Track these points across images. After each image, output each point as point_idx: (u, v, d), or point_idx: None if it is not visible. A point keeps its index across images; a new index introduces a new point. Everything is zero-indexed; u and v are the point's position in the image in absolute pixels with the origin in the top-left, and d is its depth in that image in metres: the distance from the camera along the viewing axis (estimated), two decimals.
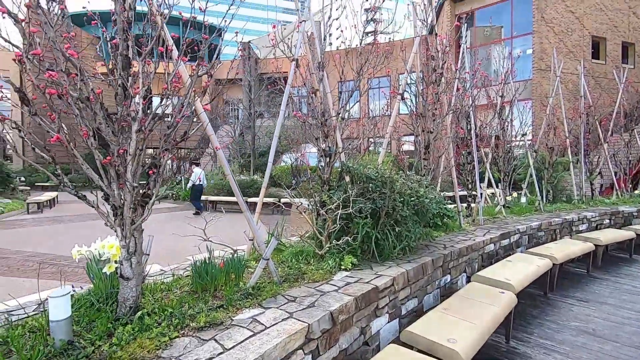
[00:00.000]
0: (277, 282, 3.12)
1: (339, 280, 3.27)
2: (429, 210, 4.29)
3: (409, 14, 6.00)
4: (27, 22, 1.97)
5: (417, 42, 5.51)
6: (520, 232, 6.07)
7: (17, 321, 2.36)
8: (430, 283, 4.01)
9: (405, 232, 3.94)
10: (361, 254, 3.85)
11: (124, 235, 2.36)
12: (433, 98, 5.55)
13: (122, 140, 2.42)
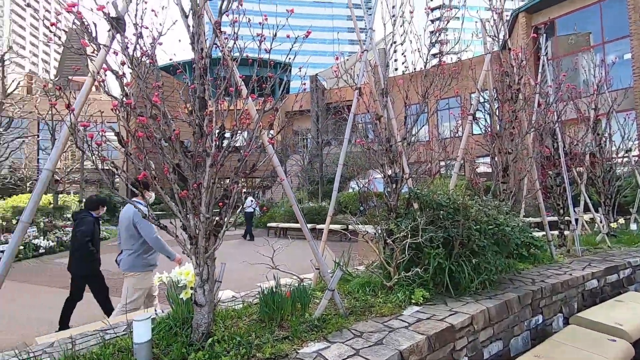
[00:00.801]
0: (343, 315, 3.02)
1: (409, 316, 3.04)
2: (512, 239, 3.85)
3: (477, 32, 5.74)
4: (124, 76, 2.30)
5: (487, 59, 5.21)
6: (633, 266, 5.10)
7: (109, 340, 2.61)
8: (518, 324, 3.51)
9: (483, 264, 3.56)
10: (433, 287, 3.56)
11: (198, 263, 2.52)
12: (509, 116, 5.11)
13: (197, 174, 2.63)
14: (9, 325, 5.02)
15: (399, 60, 9.98)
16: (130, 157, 2.31)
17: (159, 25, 2.70)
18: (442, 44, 4.65)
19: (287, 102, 17.70)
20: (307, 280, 3.97)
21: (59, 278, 8.13)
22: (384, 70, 4.36)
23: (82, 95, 2.33)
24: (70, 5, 2.11)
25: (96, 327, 3.09)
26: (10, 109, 13.48)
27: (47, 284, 7.54)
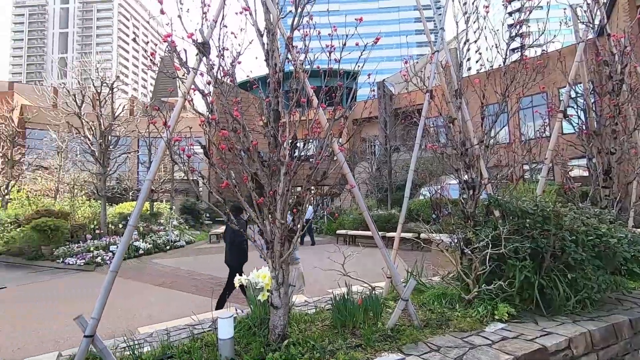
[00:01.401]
0: (417, 327, 2.90)
1: (493, 333, 2.80)
2: (618, 252, 3.32)
3: (566, 19, 5.15)
4: (209, 95, 2.55)
5: (580, 49, 4.63)
6: None
7: (197, 334, 2.87)
8: (630, 352, 3.01)
9: (582, 280, 3.13)
10: (520, 303, 3.23)
11: (274, 267, 2.65)
12: (611, 111, 4.47)
13: (273, 182, 2.78)
14: (117, 316, 5.79)
15: (472, 59, 9.34)
16: (214, 167, 2.53)
17: (237, 46, 2.94)
18: (524, 36, 4.27)
19: (354, 110, 17.81)
20: (379, 289, 3.89)
21: (156, 277, 9.16)
22: (456, 70, 4.15)
23: (176, 113, 2.64)
24: (166, 35, 2.42)
25: (187, 322, 3.41)
26: (118, 129, 15.72)
27: (147, 281, 8.56)
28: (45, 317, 5.90)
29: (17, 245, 11.10)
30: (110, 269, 2.28)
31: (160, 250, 12.88)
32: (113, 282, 2.26)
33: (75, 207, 14.23)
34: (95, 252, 10.76)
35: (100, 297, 2.21)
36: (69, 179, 17.78)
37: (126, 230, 2.39)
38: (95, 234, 12.65)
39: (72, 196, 16.79)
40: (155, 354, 2.49)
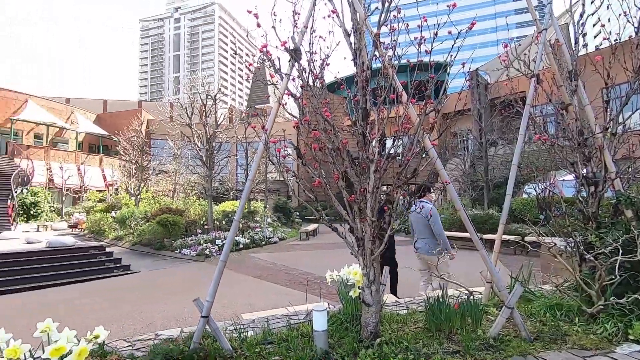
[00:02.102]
0: (526, 339, 2.60)
1: (626, 356, 2.36)
2: None
3: None
4: (301, 98, 2.68)
5: None
6: None
7: (294, 325, 3.05)
8: None
9: None
10: None
11: (365, 264, 2.66)
12: None
13: (362, 180, 2.80)
14: (223, 302, 6.49)
15: (589, 34, 7.99)
16: (307, 167, 2.66)
17: (326, 49, 3.03)
18: None
19: (445, 103, 16.74)
20: (476, 294, 3.61)
21: (254, 269, 9.98)
22: (570, 48, 3.60)
23: (272, 117, 2.84)
24: (262, 46, 2.63)
25: (283, 312, 3.65)
26: (220, 136, 17.59)
27: (246, 273, 9.40)
28: (167, 298, 6.92)
29: (146, 237, 13.25)
30: (220, 259, 2.57)
31: (257, 246, 13.98)
32: (223, 270, 2.55)
33: (188, 205, 16.38)
34: (204, 244, 12.23)
35: (212, 283, 2.51)
36: (183, 181, 20.54)
37: (232, 225, 2.66)
38: (204, 229, 14.37)
39: (185, 196, 19.37)
40: (257, 338, 2.72)
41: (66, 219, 22.27)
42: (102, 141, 33.52)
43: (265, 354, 2.47)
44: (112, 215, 16.64)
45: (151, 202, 18.01)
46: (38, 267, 8.83)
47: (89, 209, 19.73)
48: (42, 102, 29.39)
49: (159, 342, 2.66)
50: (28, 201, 21.98)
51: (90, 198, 22.55)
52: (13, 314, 6.10)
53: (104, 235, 15.68)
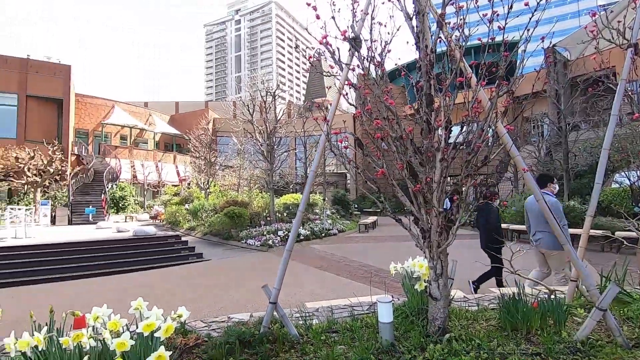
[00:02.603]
0: (622, 345, 2.30)
1: None
2: None
3: None
4: (362, 88, 2.64)
5: None
6: None
7: (357, 315, 3.06)
8: None
9: None
10: None
11: (431, 256, 2.56)
12: None
13: (427, 169, 2.68)
14: (286, 291, 6.75)
15: None
16: (369, 157, 2.62)
17: (386, 35, 2.94)
18: None
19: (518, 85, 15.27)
20: (559, 294, 3.28)
21: (315, 260, 10.21)
22: None
23: (333, 108, 2.84)
24: (323, 37, 2.63)
25: (345, 303, 3.68)
26: (280, 131, 18.16)
27: (307, 263, 9.65)
28: (236, 284, 7.38)
29: (215, 228, 14.25)
30: (286, 248, 2.66)
31: (316, 237, 14.26)
32: (288, 259, 2.63)
33: (251, 198, 17.25)
34: (267, 235, 12.79)
35: (279, 271, 2.61)
36: (247, 175, 21.64)
37: (296, 216, 2.74)
38: (267, 220, 15.02)
39: (249, 189, 20.42)
40: (322, 327, 2.78)
41: (147, 210, 24.82)
42: (175, 140, 36.61)
43: (331, 342, 2.52)
44: (186, 207, 18.16)
45: (219, 196, 19.31)
46: (126, 253, 9.99)
47: (166, 202, 21.76)
48: (126, 106, 32.91)
49: (232, 325, 2.85)
50: (117, 195, 24.89)
51: (167, 192, 24.86)
52: (109, 293, 6.99)
53: (179, 226, 17.18)
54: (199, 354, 2.38)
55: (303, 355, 2.36)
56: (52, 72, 25.17)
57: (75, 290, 7.17)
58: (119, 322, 1.94)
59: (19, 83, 24.05)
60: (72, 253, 9.47)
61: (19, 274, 7.99)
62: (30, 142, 23.10)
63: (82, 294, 6.91)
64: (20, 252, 9.06)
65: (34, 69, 24.58)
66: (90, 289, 7.38)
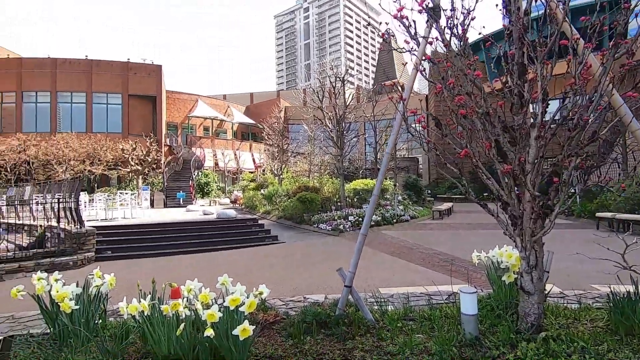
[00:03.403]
0: None
1: None
2: None
3: None
4: (443, 61, 2.42)
5: None
6: None
7: (435, 304, 2.91)
8: None
9: None
10: None
11: (523, 246, 2.29)
12: None
13: (519, 149, 2.39)
14: (357, 275, 6.79)
15: None
16: (451, 136, 2.42)
17: (469, 1, 2.64)
18: None
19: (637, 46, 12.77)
20: None
21: (386, 246, 10.08)
22: None
23: (409, 86, 2.68)
24: (398, 9, 2.46)
25: (420, 291, 3.53)
26: (349, 116, 18.04)
27: (378, 249, 9.56)
28: (309, 267, 7.62)
29: (289, 212, 14.86)
30: (361, 232, 2.62)
31: (387, 223, 14.01)
32: (363, 244, 2.59)
33: (322, 183, 17.56)
34: (338, 220, 12.94)
35: (354, 255, 2.58)
36: (317, 161, 22.08)
37: (371, 199, 2.67)
38: (337, 205, 15.18)
39: (320, 175, 20.82)
40: (398, 313, 2.70)
41: (228, 195, 26.90)
42: (250, 129, 38.80)
43: (408, 329, 2.43)
44: (261, 192, 19.24)
45: (291, 182, 20.05)
46: (211, 234, 10.98)
47: (244, 187, 23.32)
48: (207, 100, 35.72)
49: (308, 305, 2.93)
50: (202, 181, 27.39)
51: (244, 178, 26.62)
52: (197, 268, 7.77)
53: (256, 210, 18.29)
54: (278, 330, 2.49)
55: (379, 340, 2.32)
56: (147, 73, 28.35)
57: (170, 264, 8.12)
58: (208, 295, 2.11)
59: (122, 84, 27.59)
60: (168, 232, 10.72)
61: (127, 248, 9.30)
62: (132, 136, 26.51)
63: (176, 267, 7.80)
64: (129, 230, 10.53)
65: (132, 70, 27.93)
66: (182, 263, 8.28)
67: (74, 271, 7.40)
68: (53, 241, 8.48)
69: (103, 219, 12.72)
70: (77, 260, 7.69)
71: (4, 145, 22.73)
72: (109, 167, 24.10)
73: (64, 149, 22.86)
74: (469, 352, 2.05)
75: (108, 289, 2.59)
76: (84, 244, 8.13)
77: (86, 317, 2.46)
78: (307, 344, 2.28)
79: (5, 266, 6.83)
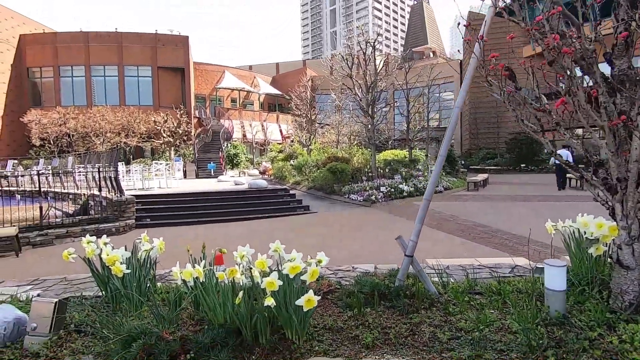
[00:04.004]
0: None
1: None
2: None
3: None
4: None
5: None
6: None
7: (500, 277, 2.65)
8: None
9: None
10: None
11: (624, 214, 1.96)
12: None
13: (622, 101, 2.00)
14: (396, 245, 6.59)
15: None
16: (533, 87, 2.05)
17: None
18: None
19: None
20: None
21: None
22: None
23: (487, 23, 2.29)
24: None
25: (475, 262, 3.27)
26: (379, 84, 17.28)
27: (414, 219, 9.30)
28: (345, 236, 7.50)
29: (319, 183, 14.73)
30: (424, 197, 2.37)
31: (420, 194, 13.58)
32: (427, 209, 2.34)
33: (352, 154, 17.21)
34: (370, 191, 12.68)
35: (417, 222, 2.34)
36: (347, 131, 21.60)
37: (437, 161, 2.39)
38: (369, 176, 14.87)
39: (349, 145, 20.43)
40: (462, 287, 2.47)
41: (257, 166, 27.15)
42: (277, 100, 38.41)
43: (477, 304, 2.21)
44: (291, 163, 19.17)
45: (320, 152, 19.82)
46: (244, 203, 11.06)
47: (273, 158, 23.35)
48: (234, 71, 35.42)
49: (359, 274, 2.75)
50: (231, 153, 27.69)
51: (272, 149, 26.62)
52: (235, 236, 7.84)
53: (285, 180, 18.32)
54: (333, 300, 2.34)
55: (447, 315, 2.11)
56: (174, 44, 28.25)
57: (209, 232, 8.25)
58: (265, 262, 1.96)
59: (152, 56, 27.72)
60: (203, 201, 10.91)
61: (165, 216, 9.55)
62: (163, 108, 26.91)
63: (215, 235, 7.90)
64: (166, 199, 10.80)
65: (161, 42, 27.91)
66: (220, 231, 8.39)
67: (117, 237, 7.67)
68: (96, 209, 8.80)
69: (140, 188, 13.12)
70: (119, 226, 7.96)
71: (46, 118, 23.74)
72: (143, 139, 24.75)
73: (100, 122, 23.60)
74: (559, 332, 1.80)
75: (157, 253, 2.52)
76: (125, 212, 8.39)
77: (137, 281, 2.42)
78: (369, 316, 2.12)
79: (55, 231, 7.16)
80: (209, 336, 1.85)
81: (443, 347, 1.85)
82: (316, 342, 2.00)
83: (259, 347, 1.90)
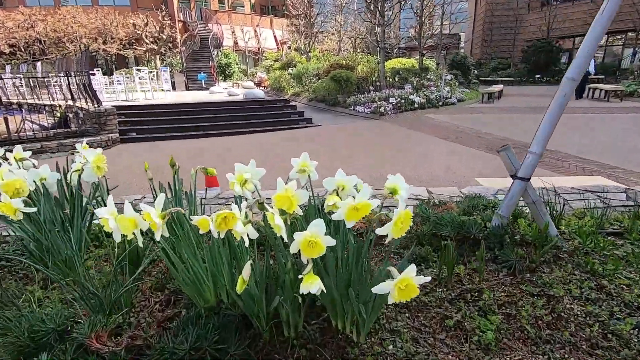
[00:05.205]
0: None
1: None
2: None
3: None
4: None
5: None
6: None
7: (616, 208, 1.90)
8: None
9: None
10: None
11: None
12: None
13: None
14: (419, 163, 5.86)
15: None
16: None
17: None
18: None
19: None
20: None
21: (437, 130, 8.92)
22: None
23: None
24: None
25: (570, 184, 2.51)
26: None
27: (429, 133, 8.43)
28: (365, 153, 6.72)
29: (321, 94, 13.42)
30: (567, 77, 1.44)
31: (432, 106, 12.52)
32: (564, 106, 1.44)
33: (356, 62, 15.49)
34: (378, 102, 11.54)
35: (544, 124, 1.46)
36: (351, 34, 19.28)
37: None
38: (376, 86, 13.52)
39: (352, 52, 18.41)
40: (585, 223, 1.71)
41: (251, 78, 25.13)
42: (270, 2, 34.06)
43: (630, 256, 1.45)
44: (289, 72, 17.46)
45: (320, 60, 17.93)
46: (240, 115, 10.01)
47: (268, 67, 21.36)
48: None
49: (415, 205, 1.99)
50: (223, 62, 25.34)
51: (267, 57, 24.29)
52: (240, 149, 7.02)
53: (284, 92, 16.87)
54: (392, 248, 1.60)
55: (593, 276, 1.36)
56: None
57: (202, 146, 7.41)
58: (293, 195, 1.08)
59: None
60: (195, 113, 9.83)
61: (153, 130, 8.60)
62: (142, 10, 23.69)
63: (209, 150, 7.08)
64: (153, 111, 9.70)
65: None
66: (214, 145, 7.55)
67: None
68: (76, 122, 7.81)
69: (124, 99, 11.86)
70: (100, 141, 7.07)
71: (10, 21, 20.92)
72: (123, 46, 22.27)
73: (73, 25, 20.88)
74: None
75: (97, 176, 1.61)
76: (106, 124, 7.41)
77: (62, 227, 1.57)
78: (467, 281, 1.34)
79: (27, 146, 6.29)
80: (188, 338, 1.01)
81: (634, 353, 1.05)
82: (387, 335, 1.18)
83: (282, 347, 1.13)
